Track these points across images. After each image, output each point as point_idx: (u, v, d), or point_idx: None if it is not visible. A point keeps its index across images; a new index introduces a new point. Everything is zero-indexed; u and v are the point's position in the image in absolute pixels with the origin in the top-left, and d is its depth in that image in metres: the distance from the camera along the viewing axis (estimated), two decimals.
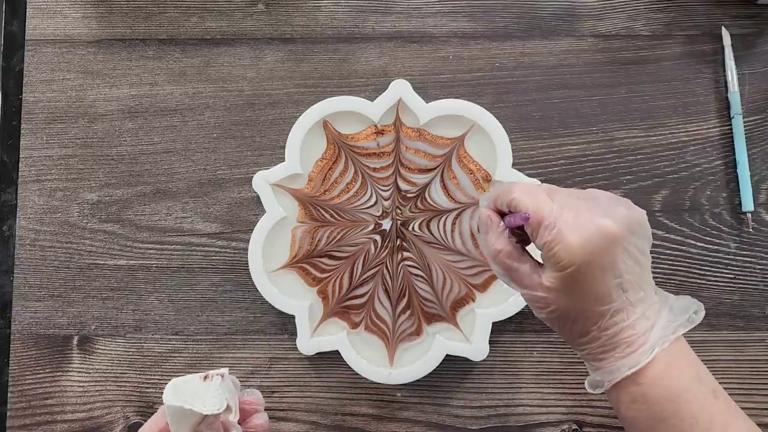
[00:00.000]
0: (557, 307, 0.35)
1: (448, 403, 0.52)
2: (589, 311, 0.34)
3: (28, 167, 0.54)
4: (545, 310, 0.35)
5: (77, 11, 0.56)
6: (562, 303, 0.35)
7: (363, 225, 0.51)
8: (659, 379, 0.34)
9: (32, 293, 0.53)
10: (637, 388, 0.34)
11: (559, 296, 0.34)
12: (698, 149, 0.54)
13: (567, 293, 0.34)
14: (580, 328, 0.35)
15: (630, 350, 0.34)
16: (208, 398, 0.35)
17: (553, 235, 0.34)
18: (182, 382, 0.35)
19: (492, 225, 0.37)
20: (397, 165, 0.52)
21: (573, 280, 0.34)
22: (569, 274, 0.34)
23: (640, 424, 0.35)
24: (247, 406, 0.39)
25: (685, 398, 0.34)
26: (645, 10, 0.55)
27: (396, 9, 0.55)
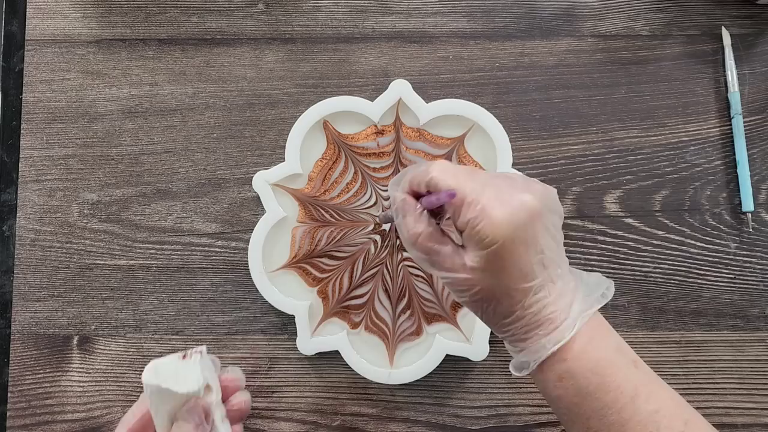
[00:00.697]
0: (481, 287, 0.34)
1: (448, 403, 0.52)
2: (513, 289, 0.34)
3: (28, 167, 0.54)
4: (468, 292, 0.34)
5: (77, 11, 0.56)
6: (486, 283, 0.34)
7: (363, 225, 0.51)
8: (583, 353, 0.34)
9: (32, 293, 0.53)
10: (563, 365, 0.34)
11: (483, 276, 0.34)
12: (698, 149, 0.54)
13: (491, 272, 0.33)
14: (504, 309, 0.34)
15: (553, 326, 0.34)
16: (188, 378, 0.35)
17: (477, 212, 0.33)
18: (162, 363, 0.35)
19: (409, 207, 0.36)
20: (397, 165, 0.52)
21: (497, 257, 0.33)
22: (494, 252, 0.33)
23: (567, 402, 0.34)
24: (228, 383, 0.38)
25: (609, 370, 0.34)
26: (645, 10, 0.55)
27: (396, 9, 0.55)
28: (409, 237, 0.36)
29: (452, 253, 0.35)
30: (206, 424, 0.35)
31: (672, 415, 0.33)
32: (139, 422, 0.36)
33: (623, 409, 0.33)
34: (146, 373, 0.35)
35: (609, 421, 0.33)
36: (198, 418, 0.35)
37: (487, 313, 0.35)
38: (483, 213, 0.33)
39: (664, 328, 0.52)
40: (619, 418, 0.33)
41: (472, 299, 0.35)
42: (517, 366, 0.36)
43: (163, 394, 0.35)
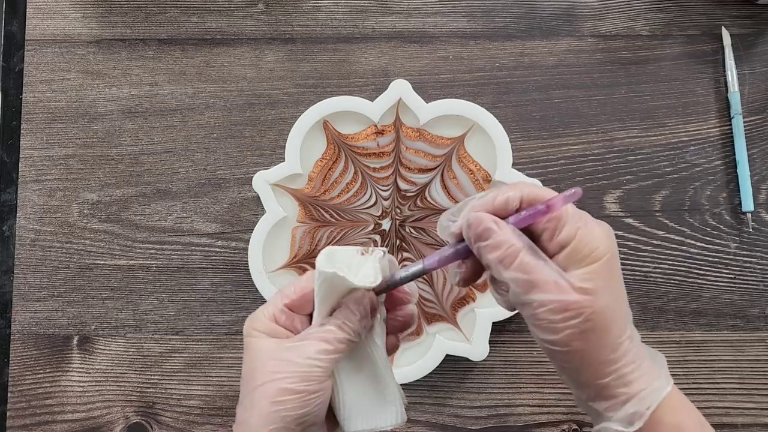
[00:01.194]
0: (594, 310, 0.29)
1: (448, 403, 0.52)
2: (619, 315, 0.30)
3: (28, 167, 0.54)
4: (576, 320, 0.29)
5: (77, 11, 0.56)
6: (598, 304, 0.29)
7: (363, 225, 0.51)
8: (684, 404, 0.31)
9: (32, 293, 0.53)
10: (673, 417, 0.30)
11: (595, 297, 0.29)
12: (698, 149, 0.54)
13: (603, 290, 0.30)
14: (611, 340, 0.30)
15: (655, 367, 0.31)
16: (365, 271, 0.33)
17: (583, 221, 0.30)
18: (339, 251, 0.33)
19: (501, 225, 0.31)
20: (396, 165, 0.52)
21: (608, 271, 0.30)
22: (605, 264, 0.30)
23: None
24: (400, 294, 0.36)
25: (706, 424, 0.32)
26: (645, 10, 0.55)
27: (396, 9, 0.55)
28: (509, 254, 0.30)
29: (556, 273, 0.30)
30: (371, 318, 0.34)
31: None
32: (300, 299, 0.34)
33: None
34: (320, 259, 0.33)
35: None
36: (364, 310, 0.33)
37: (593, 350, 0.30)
38: (588, 223, 0.31)
39: (664, 328, 0.52)
40: None
41: (580, 328, 0.29)
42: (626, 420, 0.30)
43: (335, 281, 0.33)
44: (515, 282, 0.30)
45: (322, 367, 0.32)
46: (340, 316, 0.33)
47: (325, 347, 0.32)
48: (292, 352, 0.32)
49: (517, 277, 0.30)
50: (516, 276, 0.30)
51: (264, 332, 0.33)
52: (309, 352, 0.32)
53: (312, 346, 0.32)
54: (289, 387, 0.31)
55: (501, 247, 0.30)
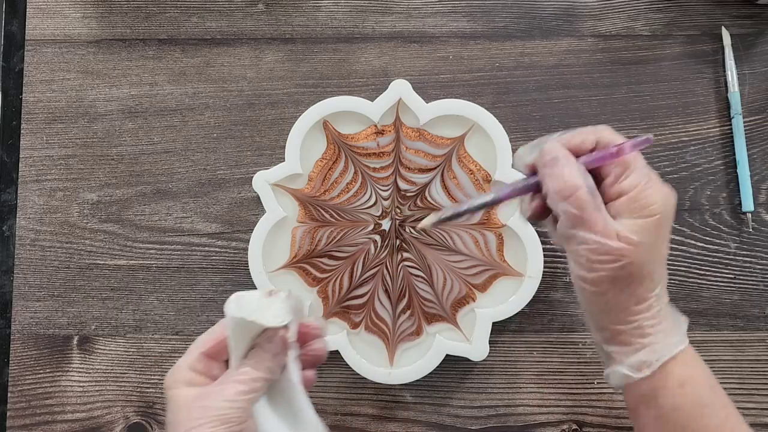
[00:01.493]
0: (632, 260, 0.31)
1: (448, 403, 0.52)
2: (655, 273, 0.32)
3: (28, 167, 0.54)
4: (614, 264, 0.31)
5: (77, 11, 0.56)
6: (638, 256, 0.31)
7: (363, 225, 0.51)
8: (698, 363, 0.32)
9: (32, 293, 0.53)
10: (684, 369, 0.32)
11: (636, 249, 0.31)
12: (698, 149, 0.54)
13: (646, 245, 0.31)
14: (642, 292, 0.32)
15: (675, 326, 0.32)
16: (271, 312, 0.34)
17: (648, 176, 0.32)
18: (246, 296, 0.35)
19: (570, 159, 0.33)
20: (396, 165, 0.52)
21: (657, 229, 0.31)
22: (656, 222, 0.31)
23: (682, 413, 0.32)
24: (309, 330, 0.38)
25: (717, 386, 0.33)
26: (645, 10, 0.55)
27: (396, 9, 0.55)
28: (567, 188, 0.32)
29: (606, 218, 0.32)
30: (283, 356, 0.35)
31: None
32: (216, 346, 0.36)
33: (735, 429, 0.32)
34: (229, 305, 0.34)
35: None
36: (276, 348, 0.35)
37: (620, 296, 0.32)
38: (653, 180, 0.32)
39: None
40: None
41: (614, 273, 0.31)
42: (635, 365, 0.32)
43: (245, 324, 0.34)
44: (566, 214, 0.32)
45: (241, 408, 0.33)
46: (254, 357, 0.35)
47: (241, 389, 0.33)
48: (211, 397, 0.33)
49: (568, 210, 0.32)
50: (568, 209, 0.32)
51: (183, 383, 0.35)
52: (227, 395, 0.33)
53: (229, 390, 0.33)
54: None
55: (562, 177, 0.32)
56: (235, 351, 0.35)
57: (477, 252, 0.51)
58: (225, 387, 0.33)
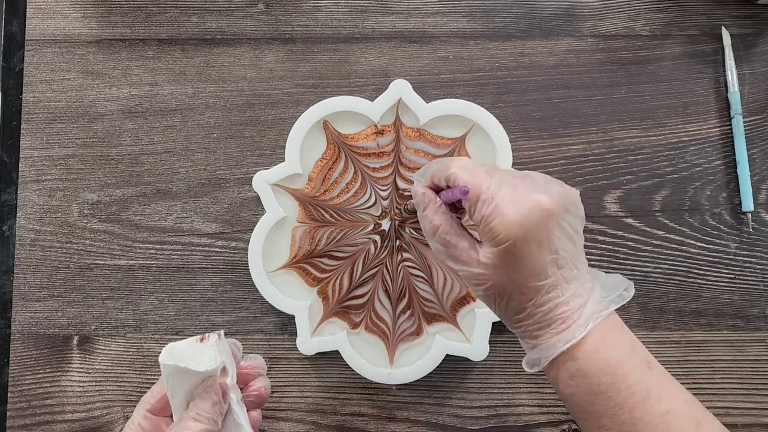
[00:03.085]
0: (493, 283, 0.35)
1: (448, 403, 0.52)
2: (524, 287, 0.34)
3: (28, 167, 0.54)
4: (481, 287, 0.35)
5: (77, 11, 0.56)
6: (498, 279, 0.35)
7: (363, 225, 0.51)
8: (595, 353, 0.34)
9: (32, 293, 0.53)
10: (574, 363, 0.34)
11: (495, 272, 0.35)
12: (698, 149, 0.54)
13: (503, 269, 0.34)
14: (515, 305, 0.35)
15: (565, 326, 0.34)
16: (205, 358, 0.35)
17: (491, 210, 0.34)
18: (178, 346, 0.36)
19: (430, 201, 0.38)
20: (396, 165, 0.52)
21: (509, 255, 0.34)
22: (505, 249, 0.34)
23: (578, 400, 0.35)
24: (248, 371, 0.39)
25: (621, 371, 0.34)
26: (645, 10, 0.55)
27: (396, 9, 0.55)
28: (430, 229, 0.37)
29: (468, 248, 0.36)
30: (223, 402, 0.36)
31: (684, 416, 0.33)
32: (159, 402, 0.37)
33: (634, 409, 0.33)
34: (163, 354, 0.35)
35: (620, 420, 0.33)
36: (215, 396, 0.35)
37: (500, 309, 0.36)
38: (496, 211, 0.34)
39: (664, 328, 0.52)
40: (630, 417, 0.33)
41: (486, 294, 0.36)
42: (529, 362, 0.36)
43: (180, 374, 0.35)
44: (436, 250, 0.38)
45: None
46: (194, 408, 0.35)
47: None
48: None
49: (436, 246, 0.38)
50: (436, 246, 0.38)
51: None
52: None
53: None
54: None
55: (426, 219, 0.38)
56: (174, 401, 0.36)
57: None
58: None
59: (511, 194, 0.34)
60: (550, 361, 0.35)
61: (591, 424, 0.34)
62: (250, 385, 0.39)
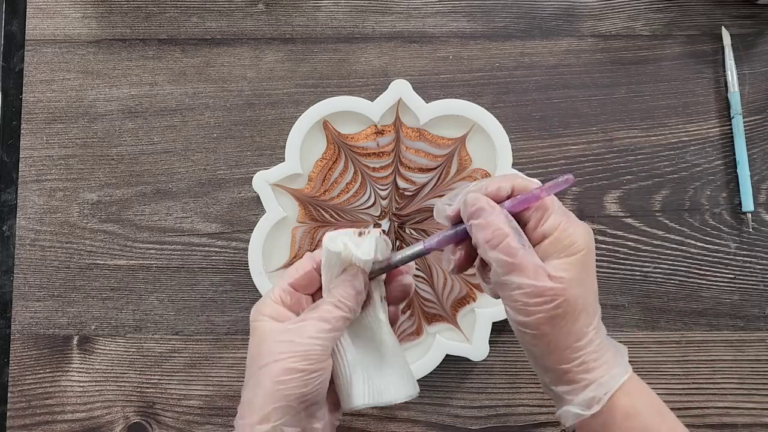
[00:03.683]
0: (565, 299, 0.31)
1: (448, 403, 0.52)
2: (590, 306, 0.32)
3: (28, 167, 0.54)
4: (549, 305, 0.31)
5: (77, 11, 0.56)
6: (571, 293, 0.31)
7: (362, 225, 0.51)
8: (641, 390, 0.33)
9: (32, 293, 0.53)
10: (629, 401, 0.32)
11: (567, 286, 0.31)
12: (698, 149, 0.54)
13: (577, 282, 0.32)
14: (579, 328, 0.32)
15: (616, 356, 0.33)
16: (363, 248, 0.36)
17: (568, 217, 0.33)
18: (340, 233, 0.37)
19: (494, 207, 0.33)
20: (396, 164, 0.52)
21: (584, 265, 0.32)
22: (582, 258, 0.32)
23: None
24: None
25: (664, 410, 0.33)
26: (645, 10, 0.55)
27: (396, 9, 0.55)
28: (497, 236, 0.32)
29: (536, 260, 0.32)
30: (365, 293, 0.36)
31: None
32: (303, 279, 0.37)
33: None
34: (326, 239, 0.37)
35: None
36: (359, 285, 0.36)
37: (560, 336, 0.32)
38: (571, 219, 0.33)
39: (664, 328, 0.52)
40: None
41: (551, 313, 0.32)
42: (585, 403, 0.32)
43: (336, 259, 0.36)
44: (498, 262, 0.32)
45: (322, 346, 0.34)
46: (335, 294, 0.35)
47: (322, 326, 0.34)
48: (293, 333, 0.34)
49: (500, 258, 0.32)
50: (499, 257, 0.32)
51: (270, 316, 0.36)
52: (309, 331, 0.34)
53: (311, 326, 0.34)
54: (291, 366, 0.33)
55: (490, 227, 0.33)
56: (328, 284, 0.37)
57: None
58: (307, 324, 0.34)
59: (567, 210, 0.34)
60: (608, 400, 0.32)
61: None
62: (398, 279, 0.39)
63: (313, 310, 0.35)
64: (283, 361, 0.33)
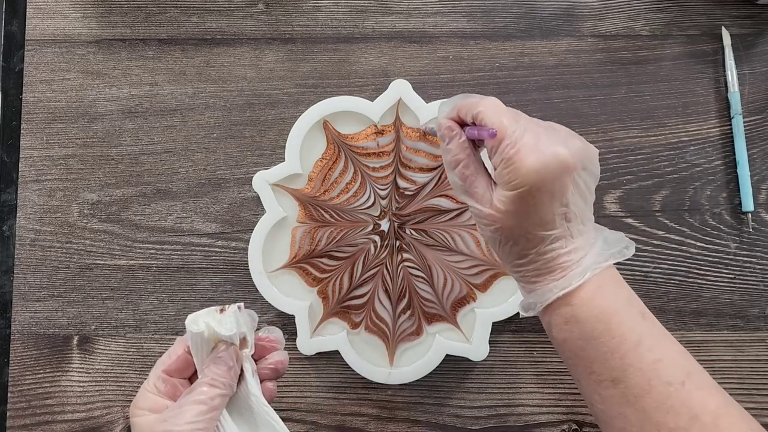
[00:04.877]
0: (502, 226, 0.35)
1: (448, 403, 0.52)
2: (530, 234, 0.35)
3: (28, 167, 0.54)
4: (490, 227, 0.36)
5: (77, 11, 0.56)
6: (507, 222, 0.35)
7: (362, 225, 0.51)
8: (590, 300, 0.34)
9: (32, 293, 0.53)
10: (569, 309, 0.35)
11: (505, 215, 0.35)
12: (698, 149, 0.54)
13: (514, 214, 0.35)
14: (518, 250, 0.36)
15: (562, 274, 0.35)
16: (225, 324, 0.37)
17: (512, 154, 0.34)
18: (201, 314, 0.38)
19: (454, 135, 0.38)
20: (396, 164, 0.52)
21: (522, 201, 0.34)
22: (519, 195, 0.34)
23: (571, 345, 0.35)
24: (265, 343, 0.39)
25: (615, 319, 0.34)
26: (645, 10, 0.55)
27: (396, 9, 0.55)
28: (451, 161, 0.38)
29: (485, 187, 0.36)
30: (237, 368, 0.37)
31: (674, 365, 0.34)
32: (175, 363, 0.37)
33: (626, 355, 0.33)
34: (188, 322, 0.37)
35: (611, 365, 0.34)
36: (230, 361, 0.36)
37: (504, 251, 0.37)
38: (516, 156, 0.34)
39: None
40: (621, 363, 0.34)
41: (492, 235, 0.36)
42: (525, 306, 0.37)
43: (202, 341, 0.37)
44: (454, 184, 0.38)
45: (203, 429, 0.34)
46: (208, 374, 0.36)
47: (200, 408, 0.34)
48: (171, 422, 0.34)
49: (455, 181, 0.38)
50: (455, 180, 0.38)
51: (147, 409, 0.36)
52: (186, 417, 0.34)
53: (188, 411, 0.34)
54: None
55: (449, 152, 0.38)
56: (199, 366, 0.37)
57: (478, 252, 0.51)
58: (185, 410, 0.34)
59: (534, 142, 0.34)
60: (546, 306, 0.36)
61: (582, 370, 0.35)
62: (267, 357, 0.39)
63: (188, 394, 0.35)
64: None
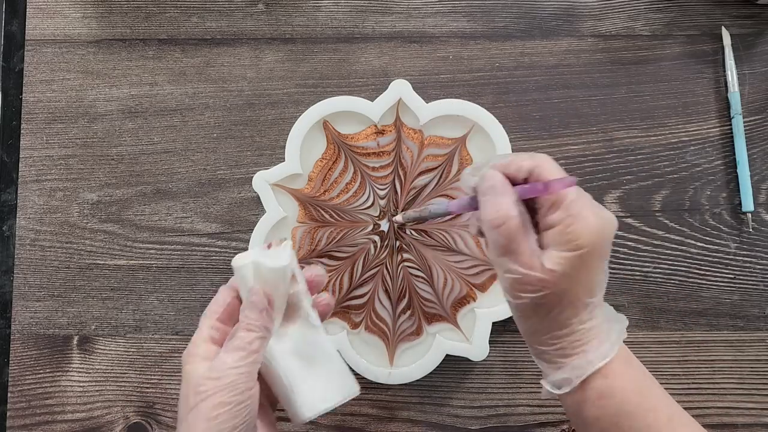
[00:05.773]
0: (552, 292, 0.32)
1: (448, 403, 0.52)
2: (579, 302, 0.33)
3: (28, 167, 0.54)
4: (535, 294, 0.33)
5: (77, 11, 0.56)
6: (561, 287, 0.32)
7: (362, 225, 0.51)
8: (624, 373, 0.34)
9: (32, 293, 0.53)
10: (605, 382, 0.33)
11: (560, 279, 0.32)
12: (698, 149, 0.54)
13: (569, 277, 0.32)
14: (563, 319, 0.33)
15: (599, 344, 0.33)
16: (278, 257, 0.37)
17: (576, 212, 0.32)
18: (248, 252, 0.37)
19: (506, 189, 0.33)
20: (396, 165, 0.52)
21: (581, 263, 0.32)
22: (580, 256, 0.32)
23: (605, 423, 0.33)
24: (312, 278, 0.40)
25: (647, 391, 0.34)
26: (645, 10, 0.55)
27: (396, 9, 0.55)
28: (499, 218, 0.33)
29: (532, 248, 0.33)
30: (270, 309, 0.37)
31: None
32: (225, 312, 0.37)
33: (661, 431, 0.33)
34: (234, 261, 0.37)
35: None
36: (262, 303, 0.36)
37: (543, 322, 0.34)
38: (581, 214, 0.32)
39: (664, 328, 0.52)
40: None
41: (535, 302, 0.33)
42: (557, 384, 0.34)
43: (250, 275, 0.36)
44: (495, 243, 0.33)
45: (245, 373, 0.34)
46: (243, 319, 0.36)
47: (239, 354, 0.35)
48: (215, 368, 0.34)
49: (498, 240, 0.33)
50: (498, 238, 0.33)
51: (199, 356, 0.36)
52: (228, 363, 0.34)
53: (229, 357, 0.35)
54: (219, 401, 0.33)
55: (496, 207, 0.33)
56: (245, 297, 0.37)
57: (478, 252, 0.51)
58: (224, 356, 0.35)
59: (591, 203, 0.33)
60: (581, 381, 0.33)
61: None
62: (315, 297, 0.40)
63: (230, 340, 0.36)
64: (210, 399, 0.33)
